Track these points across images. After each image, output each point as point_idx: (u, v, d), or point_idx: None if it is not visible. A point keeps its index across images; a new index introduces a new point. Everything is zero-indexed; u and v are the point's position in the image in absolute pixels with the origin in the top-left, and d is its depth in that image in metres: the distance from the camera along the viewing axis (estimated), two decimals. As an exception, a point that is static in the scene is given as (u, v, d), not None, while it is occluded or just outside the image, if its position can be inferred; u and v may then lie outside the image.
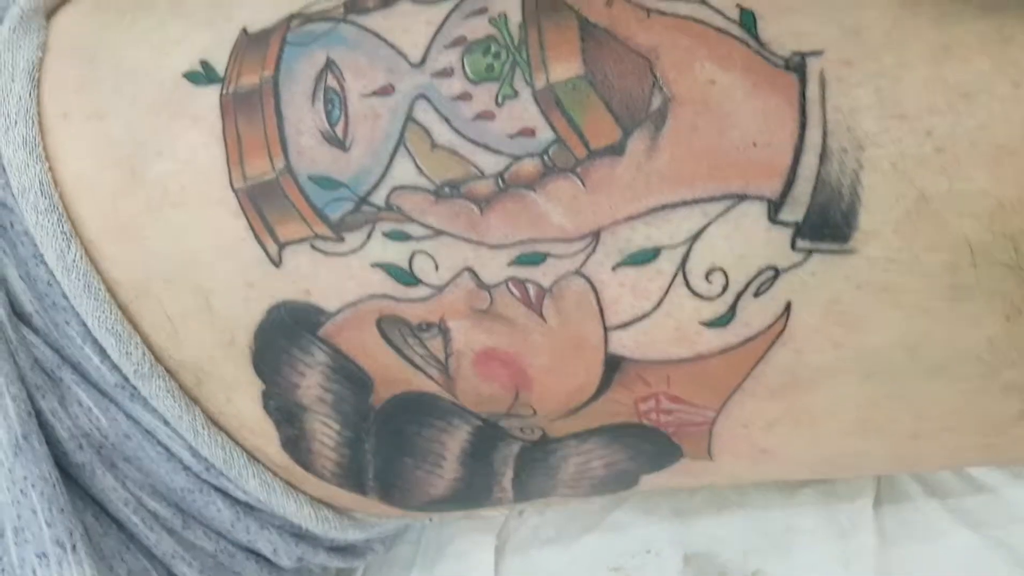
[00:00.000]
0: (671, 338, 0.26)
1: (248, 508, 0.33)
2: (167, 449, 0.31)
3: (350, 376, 0.29)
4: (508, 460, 0.31)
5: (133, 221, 0.28)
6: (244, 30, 0.28)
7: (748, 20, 0.26)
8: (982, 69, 0.24)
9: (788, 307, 0.25)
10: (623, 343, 0.27)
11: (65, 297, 0.29)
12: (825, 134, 0.24)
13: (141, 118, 0.28)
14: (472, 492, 0.32)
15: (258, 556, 0.34)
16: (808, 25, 0.26)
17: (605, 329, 0.27)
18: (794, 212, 0.25)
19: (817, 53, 0.25)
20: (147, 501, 0.31)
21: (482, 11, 0.27)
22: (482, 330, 0.27)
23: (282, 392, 0.30)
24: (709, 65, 0.25)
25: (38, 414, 0.29)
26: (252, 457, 0.32)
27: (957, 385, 0.27)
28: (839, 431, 0.29)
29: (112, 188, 0.29)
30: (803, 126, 0.24)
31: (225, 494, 0.32)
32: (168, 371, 0.30)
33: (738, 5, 0.26)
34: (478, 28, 0.27)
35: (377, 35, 0.27)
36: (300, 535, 0.35)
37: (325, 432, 0.31)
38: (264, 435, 0.31)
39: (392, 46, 0.27)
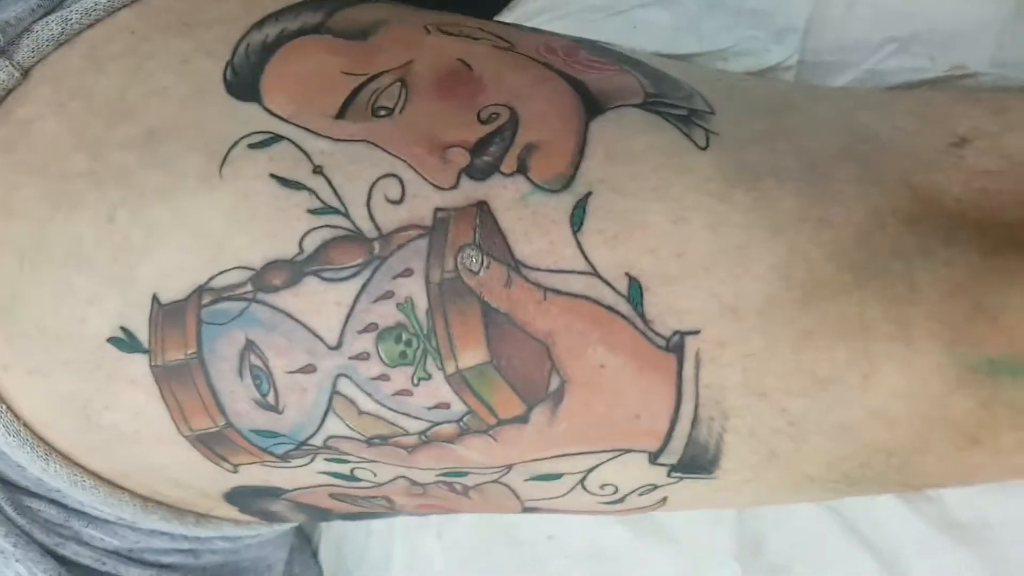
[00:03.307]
0: (575, 508, 0.33)
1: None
2: (169, 535, 0.38)
3: (310, 510, 0.35)
4: None
5: (100, 448, 0.32)
6: (156, 299, 0.29)
7: (635, 294, 0.28)
8: (838, 360, 0.28)
9: (664, 499, 0.32)
10: (536, 507, 0.33)
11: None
12: (697, 406, 0.29)
13: (80, 378, 0.30)
14: None
15: None
16: (689, 301, 0.28)
17: (522, 503, 0.33)
18: (669, 458, 0.30)
19: (695, 332, 0.28)
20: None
21: (388, 295, 0.28)
22: (419, 499, 0.33)
23: (255, 511, 0.36)
24: (600, 350, 0.28)
25: (64, 561, 0.35)
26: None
27: None
28: None
29: (72, 428, 0.31)
30: (679, 401, 0.28)
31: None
32: (160, 505, 0.36)
33: (627, 274, 0.28)
34: (387, 315, 0.28)
35: (290, 315, 0.28)
36: None
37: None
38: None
39: (307, 328, 0.28)
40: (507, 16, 0.41)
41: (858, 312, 0.27)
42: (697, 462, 0.30)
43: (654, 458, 0.30)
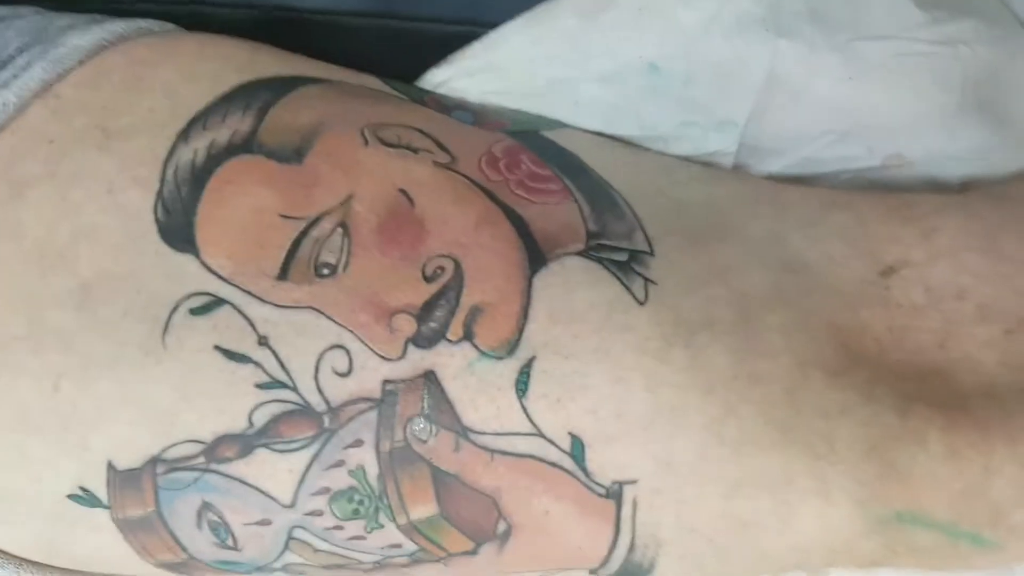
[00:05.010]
0: None
1: None
2: None
3: None
4: None
5: (69, 564, 0.33)
6: (111, 465, 0.29)
7: (578, 451, 0.30)
8: (761, 508, 0.30)
9: None
10: None
11: None
12: (634, 537, 0.31)
13: (43, 525, 0.31)
14: None
15: None
16: (627, 456, 0.30)
17: None
18: (608, 570, 0.32)
19: (632, 482, 0.30)
20: None
21: (340, 463, 0.29)
22: None
23: None
24: (545, 499, 0.30)
25: None
26: None
27: None
28: None
29: (41, 554, 0.32)
30: (617, 535, 0.31)
31: None
32: None
33: (570, 433, 0.29)
34: (339, 479, 0.29)
35: (243, 481, 0.29)
36: None
37: None
38: None
39: (260, 491, 0.29)
40: (445, 71, 0.39)
41: (783, 467, 0.30)
42: (633, 574, 0.33)
43: (594, 571, 0.32)
